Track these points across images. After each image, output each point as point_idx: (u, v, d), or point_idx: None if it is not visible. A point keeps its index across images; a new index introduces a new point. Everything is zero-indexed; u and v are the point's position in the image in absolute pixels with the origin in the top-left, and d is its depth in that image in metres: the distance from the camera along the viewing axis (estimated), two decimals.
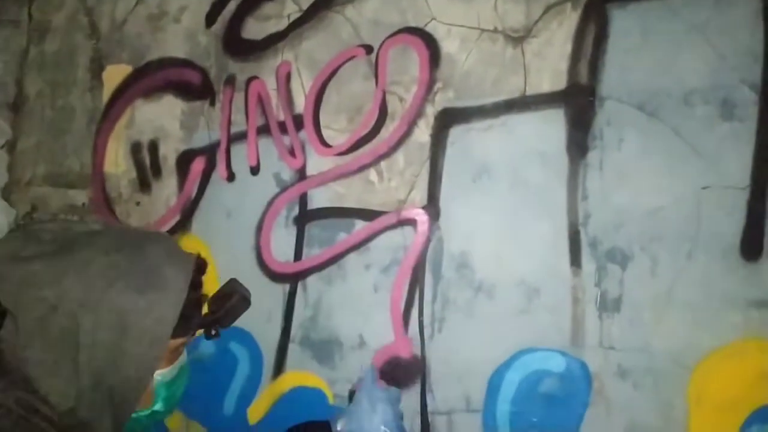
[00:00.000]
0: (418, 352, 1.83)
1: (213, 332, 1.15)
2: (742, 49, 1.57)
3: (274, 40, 2.03)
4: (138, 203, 2.15)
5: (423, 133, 1.88)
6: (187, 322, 0.97)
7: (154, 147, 2.15)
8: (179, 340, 1.01)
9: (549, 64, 1.77)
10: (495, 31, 1.83)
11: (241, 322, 2.01)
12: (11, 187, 2.32)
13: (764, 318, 1.53)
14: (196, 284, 0.99)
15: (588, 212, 1.70)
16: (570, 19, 1.75)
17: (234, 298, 1.15)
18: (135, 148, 2.17)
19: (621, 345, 1.66)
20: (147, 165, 2.15)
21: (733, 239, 1.56)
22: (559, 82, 1.75)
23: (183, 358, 1.08)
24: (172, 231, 2.10)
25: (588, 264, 1.69)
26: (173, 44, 2.15)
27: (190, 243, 2.09)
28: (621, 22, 1.71)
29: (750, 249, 1.56)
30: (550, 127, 1.75)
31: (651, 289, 1.65)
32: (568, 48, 1.75)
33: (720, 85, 1.61)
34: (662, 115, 1.66)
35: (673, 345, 1.63)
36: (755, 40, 1.56)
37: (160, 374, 1.03)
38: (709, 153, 1.62)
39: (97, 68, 2.25)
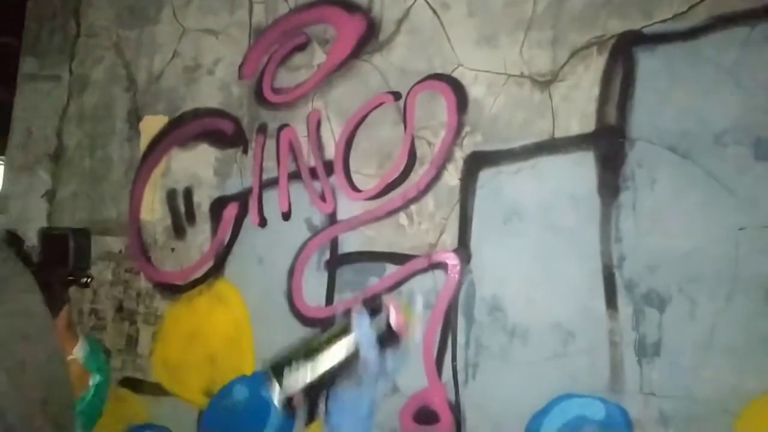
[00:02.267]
0: (453, 399, 1.80)
1: (83, 281, 1.14)
2: None
3: (304, 88, 2.09)
4: (173, 249, 2.19)
5: (452, 177, 1.89)
6: (50, 292, 0.92)
7: (188, 194, 2.20)
8: (62, 313, 1.01)
9: (577, 107, 1.78)
10: (522, 75, 1.85)
11: None
12: None
13: None
14: (24, 258, 0.94)
15: (622, 254, 1.68)
16: (597, 63, 1.78)
17: (70, 238, 1.13)
18: (170, 196, 2.22)
19: (662, 391, 1.62)
20: (182, 212, 2.20)
21: None
22: (588, 125, 1.76)
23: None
24: (206, 276, 2.13)
25: (624, 307, 1.66)
26: (207, 95, 2.23)
27: (223, 287, 2.12)
28: (648, 65, 1.72)
29: None
30: (580, 169, 1.75)
31: (691, 333, 1.62)
32: (596, 91, 1.76)
33: (751, 125, 1.61)
34: (694, 155, 1.65)
35: (715, 390, 1.59)
36: None
37: (76, 352, 1.04)
38: (744, 193, 1.60)
39: (134, 119, 2.33)
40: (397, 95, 1.98)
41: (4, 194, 2.53)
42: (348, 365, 0.85)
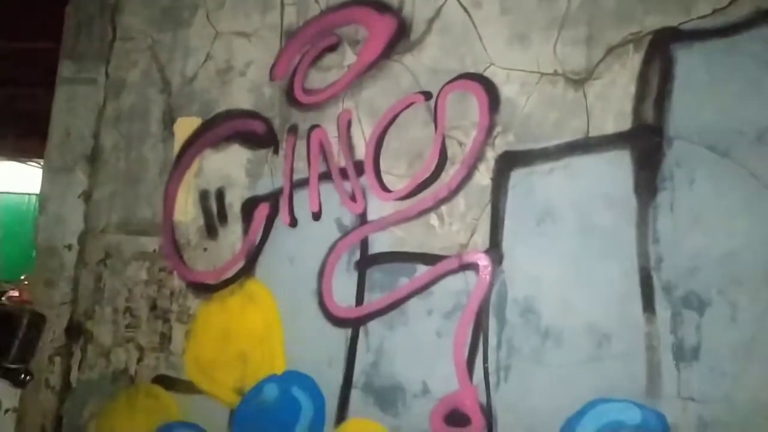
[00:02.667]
0: (484, 401, 1.78)
1: (22, 377, 0.95)
2: None
3: (335, 89, 2.10)
4: (205, 249, 2.22)
5: (484, 177, 1.88)
6: None
7: (220, 195, 2.23)
8: None
9: (612, 105, 1.75)
10: (555, 74, 1.83)
11: (303, 366, 2.03)
12: (86, 235, 2.44)
13: None
14: None
15: (660, 256, 1.64)
16: (633, 61, 1.74)
17: (23, 322, 0.91)
18: (203, 196, 2.25)
19: (701, 396, 1.58)
20: (214, 212, 2.23)
21: None
22: (624, 123, 1.73)
23: None
24: (237, 276, 2.15)
25: (662, 310, 1.62)
26: (239, 97, 2.25)
27: (254, 287, 2.13)
28: (687, 62, 1.68)
29: None
30: (615, 169, 1.72)
31: (731, 337, 1.57)
32: (632, 89, 1.73)
33: None
34: (734, 154, 1.61)
35: (756, 396, 1.54)
36: None
37: None
38: None
39: (168, 121, 2.37)
40: (427, 95, 1.97)
41: (42, 195, 2.60)
42: None
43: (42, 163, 2.83)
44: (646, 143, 1.70)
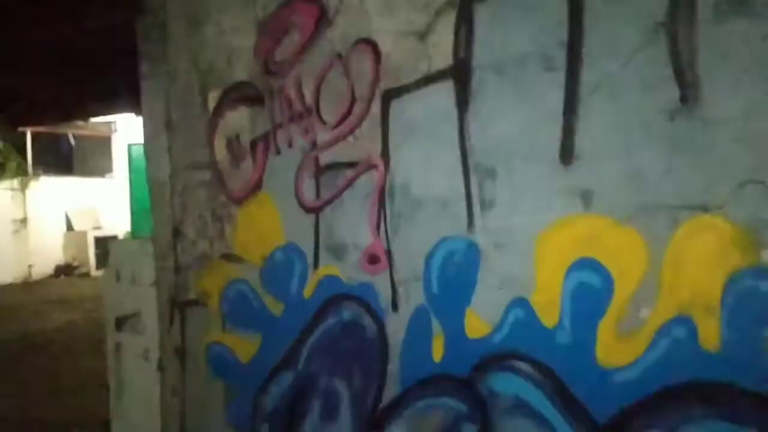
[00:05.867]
0: (386, 247, 2.92)
1: None
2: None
3: (292, 61, 3.21)
4: (234, 176, 3.53)
5: (376, 107, 2.91)
6: None
7: (237, 139, 3.49)
8: None
9: (442, 50, 2.67)
10: (412, 32, 2.77)
11: (294, 239, 3.27)
12: (173, 173, 3.87)
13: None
14: None
15: (472, 146, 2.61)
16: (451, 16, 2.63)
17: None
18: (228, 141, 3.53)
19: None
20: (235, 151, 3.51)
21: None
22: (449, 61, 2.65)
23: None
24: (252, 191, 3.43)
25: (474, 177, 2.62)
26: (240, 73, 3.44)
27: (263, 196, 3.40)
28: (485, 13, 2.55)
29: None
30: (446, 92, 2.67)
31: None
32: (451, 37, 2.63)
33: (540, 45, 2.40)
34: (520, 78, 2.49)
35: None
36: None
37: None
38: None
39: (204, 94, 3.64)
40: (341, 57, 3.01)
41: (146, 150, 4.06)
42: None
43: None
44: (461, 74, 2.62)
